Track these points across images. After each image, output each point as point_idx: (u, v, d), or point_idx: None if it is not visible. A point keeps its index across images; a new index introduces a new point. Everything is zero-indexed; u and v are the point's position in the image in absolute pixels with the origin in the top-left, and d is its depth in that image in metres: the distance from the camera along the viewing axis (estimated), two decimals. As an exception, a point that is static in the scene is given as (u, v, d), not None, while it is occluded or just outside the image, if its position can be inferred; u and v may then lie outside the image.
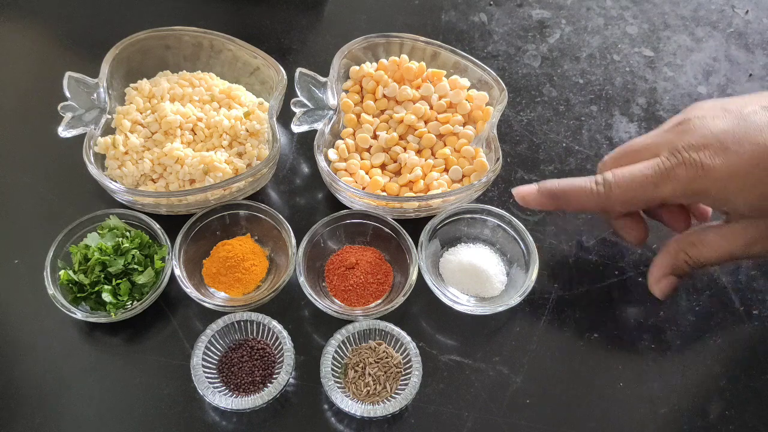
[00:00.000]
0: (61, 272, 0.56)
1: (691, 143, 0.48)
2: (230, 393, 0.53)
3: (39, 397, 0.54)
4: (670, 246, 0.53)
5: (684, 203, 0.54)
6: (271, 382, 0.53)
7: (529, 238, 0.59)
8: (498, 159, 0.61)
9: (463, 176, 0.63)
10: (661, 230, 0.61)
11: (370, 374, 0.54)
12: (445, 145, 0.65)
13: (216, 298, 0.58)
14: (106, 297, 0.55)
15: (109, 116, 0.64)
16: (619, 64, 0.76)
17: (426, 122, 0.66)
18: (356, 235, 0.61)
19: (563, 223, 0.64)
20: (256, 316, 0.55)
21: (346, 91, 0.68)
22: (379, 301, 0.58)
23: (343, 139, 0.65)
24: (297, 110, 0.64)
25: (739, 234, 0.49)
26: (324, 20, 0.79)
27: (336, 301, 0.58)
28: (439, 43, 0.68)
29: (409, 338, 0.54)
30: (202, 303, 0.56)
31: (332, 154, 0.64)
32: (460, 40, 0.77)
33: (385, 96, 0.67)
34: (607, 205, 0.52)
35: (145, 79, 0.67)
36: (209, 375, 0.53)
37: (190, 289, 0.56)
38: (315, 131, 0.63)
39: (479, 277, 0.58)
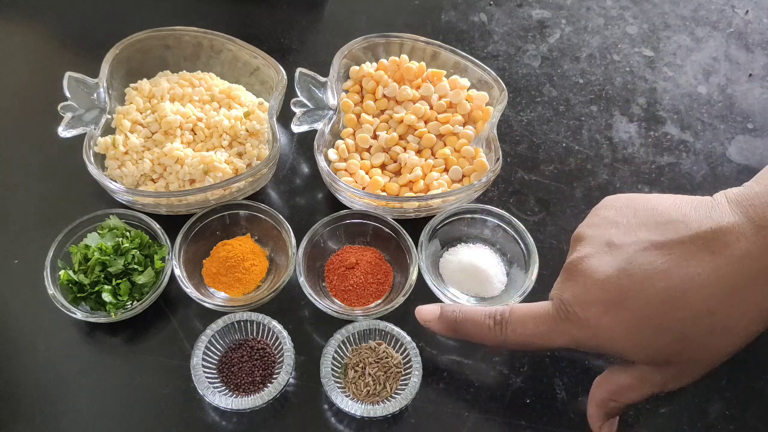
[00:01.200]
0: (61, 272, 0.56)
1: (577, 297, 0.44)
2: (230, 393, 0.53)
3: (39, 397, 0.54)
4: (596, 397, 0.48)
5: None
6: (271, 382, 0.53)
7: (529, 238, 0.59)
8: (498, 159, 0.61)
9: (463, 176, 0.63)
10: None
11: (370, 374, 0.54)
12: (445, 145, 0.65)
13: (216, 298, 0.58)
14: (106, 297, 0.55)
15: (109, 116, 0.64)
16: (619, 64, 0.76)
17: (426, 122, 0.66)
18: (356, 235, 0.61)
19: (563, 223, 0.64)
20: (256, 316, 0.55)
21: (346, 91, 0.68)
22: (379, 301, 0.58)
23: (343, 139, 0.65)
24: (297, 110, 0.64)
25: (650, 376, 0.45)
26: (324, 20, 0.79)
27: (336, 301, 0.58)
28: (439, 43, 0.68)
29: (409, 338, 0.54)
30: (202, 303, 0.56)
31: (332, 154, 0.64)
32: (460, 40, 0.77)
33: (385, 96, 0.67)
34: (504, 346, 0.48)
35: (145, 79, 0.67)
36: (209, 375, 0.53)
37: (190, 289, 0.56)
38: (315, 131, 0.63)
39: (479, 277, 0.58)
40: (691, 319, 0.40)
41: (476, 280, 0.58)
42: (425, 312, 0.51)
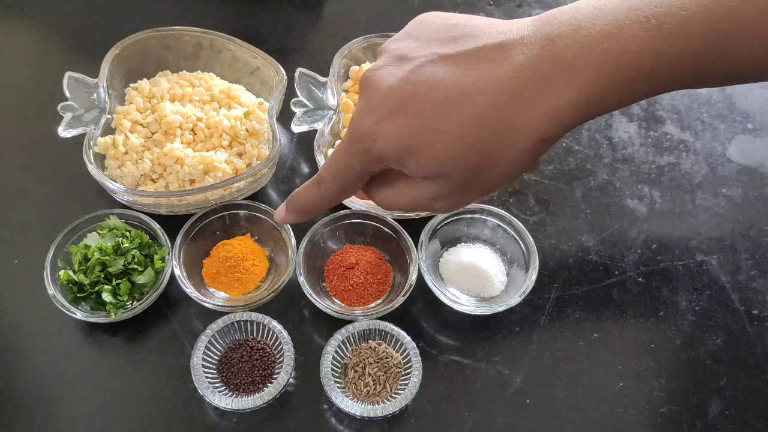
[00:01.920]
0: (61, 272, 0.56)
1: (362, 108, 0.43)
2: (230, 393, 0.53)
3: (39, 397, 0.54)
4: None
5: (383, 169, 0.46)
6: (271, 382, 0.53)
7: (529, 238, 0.59)
8: (498, 159, 0.61)
9: (463, 176, 0.63)
10: (655, 224, 0.61)
11: (370, 374, 0.54)
12: (445, 145, 0.65)
13: (216, 298, 0.58)
14: (106, 297, 0.55)
15: (109, 116, 0.64)
16: (619, 64, 0.75)
17: (426, 122, 0.66)
18: (356, 235, 0.61)
19: (563, 223, 0.64)
20: (256, 316, 0.55)
21: (346, 91, 0.68)
22: (379, 301, 0.58)
23: (343, 139, 0.65)
24: (297, 110, 0.64)
25: (421, 188, 0.44)
26: (324, 20, 0.79)
27: (336, 301, 0.58)
28: (439, 43, 0.68)
29: (409, 338, 0.54)
30: (202, 303, 0.56)
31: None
32: (460, 40, 0.76)
33: (385, 96, 0.67)
34: (331, 198, 0.48)
35: (145, 79, 0.67)
36: (209, 375, 0.53)
37: (190, 289, 0.56)
38: (315, 131, 0.63)
39: (479, 277, 0.58)
40: (467, 122, 0.40)
41: (476, 280, 0.58)
42: (278, 214, 0.51)
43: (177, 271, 0.57)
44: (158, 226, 0.59)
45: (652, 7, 0.38)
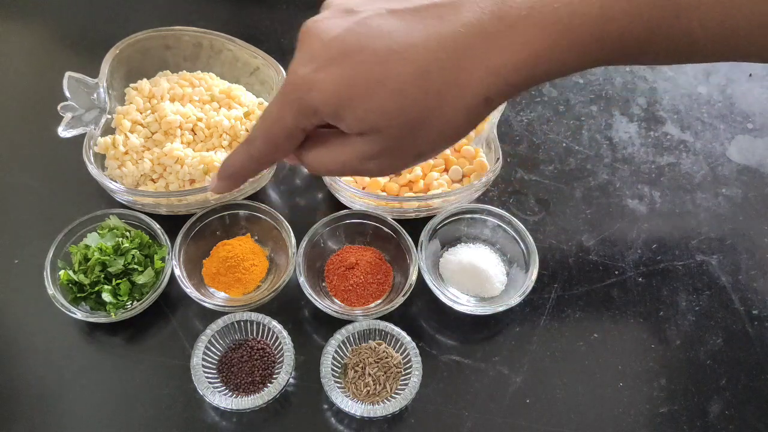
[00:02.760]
0: (61, 272, 0.56)
1: (301, 58, 0.41)
2: (230, 393, 0.53)
3: (39, 397, 0.54)
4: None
5: (318, 125, 0.44)
6: (271, 382, 0.53)
7: (529, 238, 0.59)
8: (498, 159, 0.61)
9: (463, 176, 0.63)
10: (661, 222, 0.61)
11: (370, 374, 0.54)
12: (445, 145, 0.65)
13: (216, 298, 0.58)
14: (106, 297, 0.55)
15: (109, 116, 0.64)
16: (619, 64, 0.76)
17: (426, 122, 0.66)
18: (356, 235, 0.61)
19: (563, 223, 0.64)
20: (256, 316, 0.55)
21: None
22: (379, 301, 0.58)
23: (343, 139, 0.65)
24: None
25: (357, 145, 0.42)
26: (324, 20, 0.79)
27: (336, 301, 0.58)
28: (439, 43, 0.68)
29: (409, 338, 0.54)
30: (202, 303, 0.56)
31: (332, 154, 0.64)
32: (460, 40, 0.76)
33: (385, 96, 0.67)
34: (261, 158, 0.46)
35: (145, 79, 0.67)
36: (209, 375, 0.53)
37: (190, 289, 0.56)
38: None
39: (479, 277, 0.58)
40: (408, 75, 0.39)
41: (476, 280, 0.58)
42: (210, 184, 0.50)
43: (177, 271, 0.57)
44: (158, 226, 0.59)
45: None
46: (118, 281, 0.56)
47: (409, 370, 0.53)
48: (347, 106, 0.40)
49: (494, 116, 0.64)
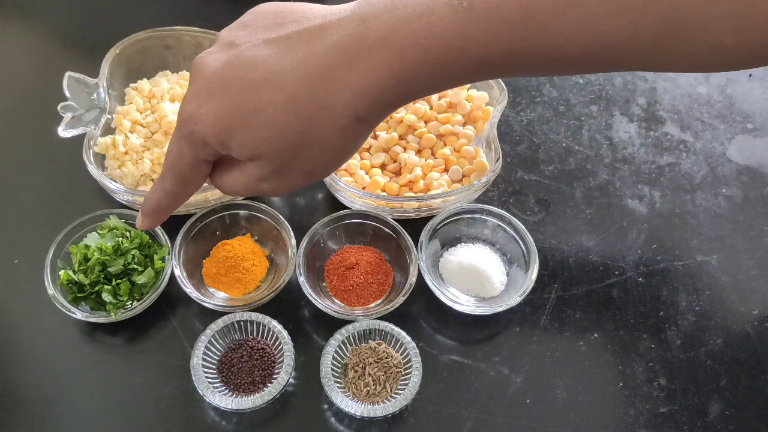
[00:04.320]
0: (61, 272, 0.56)
1: (189, 93, 0.44)
2: (230, 393, 0.53)
3: (39, 397, 0.54)
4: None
5: (211, 157, 0.46)
6: (271, 382, 0.53)
7: (529, 238, 0.59)
8: (498, 159, 0.61)
9: (463, 176, 0.63)
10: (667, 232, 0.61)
11: (370, 374, 0.54)
12: (445, 145, 0.65)
13: (216, 298, 0.58)
14: (106, 297, 0.55)
15: (109, 116, 0.64)
16: (619, 64, 0.75)
17: (426, 122, 0.66)
18: (356, 235, 0.61)
19: (563, 223, 0.64)
20: (256, 316, 0.55)
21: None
22: (379, 301, 0.58)
23: (343, 139, 0.65)
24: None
25: (249, 170, 0.44)
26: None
27: (336, 301, 0.58)
28: (439, 43, 0.68)
29: (409, 338, 0.54)
30: (202, 303, 0.56)
31: (332, 154, 0.64)
32: (460, 40, 0.76)
33: (385, 96, 0.67)
34: (175, 192, 0.48)
35: (145, 79, 0.67)
36: (209, 375, 0.53)
37: (190, 289, 0.56)
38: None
39: (479, 277, 0.58)
40: (279, 102, 0.40)
41: (476, 280, 0.58)
42: (137, 223, 0.52)
43: (177, 271, 0.57)
44: (158, 226, 0.59)
45: None
46: (118, 281, 0.56)
47: (409, 370, 0.53)
48: (230, 136, 0.42)
49: (494, 116, 0.64)
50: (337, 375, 0.54)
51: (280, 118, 0.41)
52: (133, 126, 0.63)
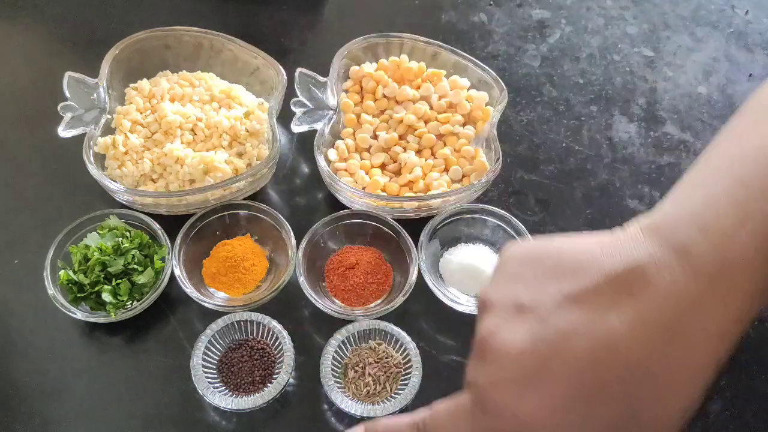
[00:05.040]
0: (61, 272, 0.56)
1: (491, 378, 0.37)
2: (230, 393, 0.53)
3: (39, 397, 0.54)
4: None
5: None
6: (271, 382, 0.53)
7: (530, 238, 0.59)
8: (498, 159, 0.61)
9: (463, 176, 0.63)
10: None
11: (370, 374, 0.54)
12: (445, 145, 0.65)
13: (216, 298, 0.58)
14: (106, 297, 0.55)
15: (109, 116, 0.64)
16: (619, 64, 0.76)
17: (426, 122, 0.66)
18: (356, 235, 0.61)
19: (563, 223, 0.64)
20: (256, 316, 0.55)
21: (346, 91, 0.68)
22: (379, 301, 0.58)
23: (343, 139, 0.65)
24: (297, 110, 0.64)
25: None
26: (324, 20, 0.79)
27: (336, 301, 0.58)
28: (439, 43, 0.68)
29: (409, 338, 0.54)
30: (202, 303, 0.56)
31: (332, 154, 0.64)
32: (460, 40, 0.76)
33: (385, 96, 0.67)
34: None
35: (145, 79, 0.67)
36: (209, 375, 0.53)
37: (190, 289, 0.56)
38: (315, 131, 0.63)
39: (479, 277, 0.58)
40: (624, 370, 0.34)
41: (476, 280, 0.58)
42: None
43: (177, 271, 0.57)
44: (158, 226, 0.59)
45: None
46: (118, 281, 0.56)
47: (409, 370, 0.53)
48: (566, 429, 0.35)
49: (494, 116, 0.64)
50: (337, 375, 0.54)
51: (630, 391, 0.34)
52: (133, 126, 0.63)
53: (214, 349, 0.54)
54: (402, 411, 0.53)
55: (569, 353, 0.34)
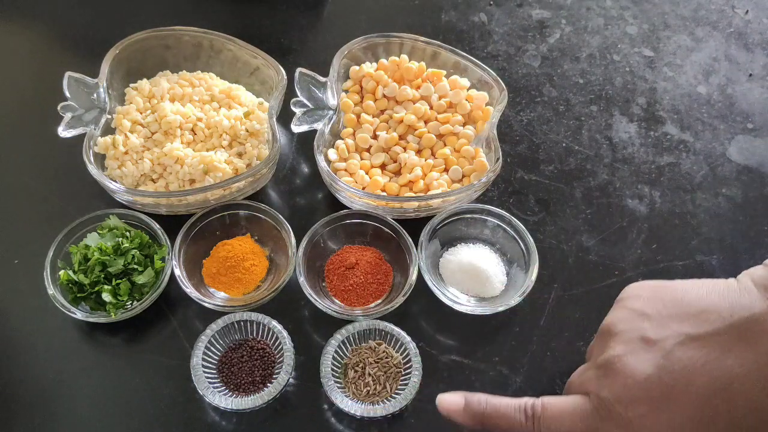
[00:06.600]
0: (61, 272, 0.56)
1: (618, 395, 0.42)
2: (230, 393, 0.53)
3: (39, 397, 0.54)
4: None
5: None
6: (271, 382, 0.53)
7: (529, 238, 0.59)
8: (498, 159, 0.61)
9: (463, 176, 0.63)
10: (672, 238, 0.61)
11: (370, 374, 0.54)
12: (445, 145, 0.65)
13: (216, 298, 0.58)
14: (106, 297, 0.55)
15: (109, 116, 0.64)
16: (619, 64, 0.76)
17: (426, 122, 0.66)
18: (356, 235, 0.61)
19: (563, 223, 0.64)
20: (256, 316, 0.55)
21: (346, 91, 0.68)
22: (379, 301, 0.58)
23: (343, 139, 0.65)
24: (297, 110, 0.64)
25: None
26: (324, 20, 0.79)
27: (336, 301, 0.58)
28: (439, 43, 0.68)
29: (409, 338, 0.54)
30: (202, 303, 0.56)
31: (332, 154, 0.64)
32: (460, 40, 0.77)
33: (385, 96, 0.67)
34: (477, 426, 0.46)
35: (145, 79, 0.67)
36: (209, 375, 0.53)
37: (190, 289, 0.56)
38: (315, 131, 0.63)
39: (479, 277, 0.58)
40: (739, 411, 0.39)
41: (476, 280, 0.58)
42: (448, 402, 0.47)
43: (177, 271, 0.57)
44: (158, 226, 0.59)
45: None
46: (118, 281, 0.56)
47: (409, 370, 0.53)
48: None
49: (494, 116, 0.64)
50: (337, 375, 0.54)
51: (737, 425, 0.40)
52: (133, 126, 0.63)
53: (214, 349, 0.54)
54: (402, 411, 0.53)
55: (691, 386, 0.40)
